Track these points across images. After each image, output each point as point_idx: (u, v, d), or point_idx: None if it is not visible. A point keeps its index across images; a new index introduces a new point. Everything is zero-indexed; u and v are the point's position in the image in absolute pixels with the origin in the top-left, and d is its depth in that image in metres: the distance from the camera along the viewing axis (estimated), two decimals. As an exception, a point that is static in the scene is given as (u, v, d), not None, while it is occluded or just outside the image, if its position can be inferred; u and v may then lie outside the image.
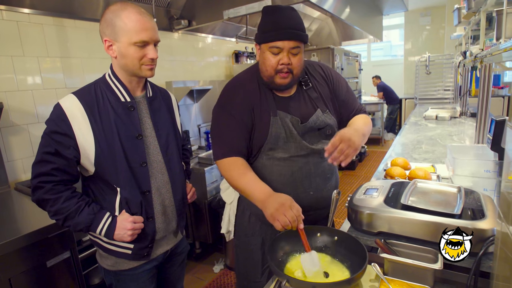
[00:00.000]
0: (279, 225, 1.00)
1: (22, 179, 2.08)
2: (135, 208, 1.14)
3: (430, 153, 2.30)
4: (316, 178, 1.24)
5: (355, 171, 5.18)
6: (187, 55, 3.42)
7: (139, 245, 1.17)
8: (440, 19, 6.99)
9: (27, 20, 2.06)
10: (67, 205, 1.06)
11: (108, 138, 1.07)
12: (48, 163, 1.04)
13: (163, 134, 1.21)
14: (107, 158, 1.08)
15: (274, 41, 1.09)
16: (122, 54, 1.05)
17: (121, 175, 1.10)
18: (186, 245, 1.42)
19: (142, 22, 1.03)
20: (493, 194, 1.30)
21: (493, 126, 1.33)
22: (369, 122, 1.31)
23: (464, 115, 3.94)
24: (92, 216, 1.09)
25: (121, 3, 1.05)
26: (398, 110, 7.11)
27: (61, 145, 1.03)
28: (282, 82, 1.15)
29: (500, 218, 0.71)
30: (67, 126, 1.03)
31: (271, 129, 1.18)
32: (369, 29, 4.30)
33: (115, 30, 1.03)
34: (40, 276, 1.46)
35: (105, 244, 1.18)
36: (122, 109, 1.11)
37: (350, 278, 0.83)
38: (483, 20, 2.24)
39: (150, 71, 1.10)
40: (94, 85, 1.12)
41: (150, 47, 1.06)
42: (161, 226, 1.22)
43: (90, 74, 2.44)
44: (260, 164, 1.23)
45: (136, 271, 1.22)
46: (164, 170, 1.21)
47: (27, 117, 2.09)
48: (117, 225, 1.10)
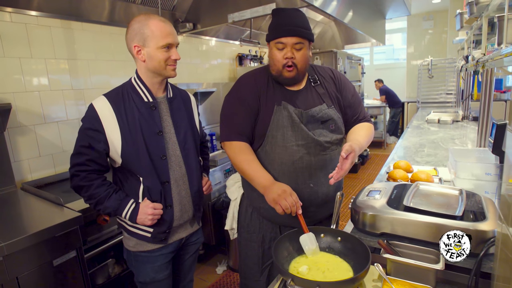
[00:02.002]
0: (280, 208, 1.10)
1: (29, 179, 2.10)
2: (156, 196, 1.28)
3: (432, 156, 2.32)
4: (317, 170, 1.28)
5: (358, 174, 5.19)
6: (192, 57, 3.45)
7: (158, 229, 1.31)
8: (442, 24, 7.01)
9: (35, 23, 2.10)
10: (98, 191, 1.23)
11: (133, 134, 1.22)
12: (83, 155, 1.21)
13: (181, 131, 1.34)
14: (132, 151, 1.22)
15: (279, 37, 1.21)
16: (151, 57, 1.21)
17: (143, 166, 1.24)
18: (201, 235, 1.55)
19: (166, 28, 1.21)
20: (494, 196, 1.32)
21: (494, 130, 1.34)
22: (372, 133, 1.39)
23: (466, 119, 3.95)
24: (119, 202, 1.24)
25: (145, 14, 1.22)
26: (400, 114, 7.12)
27: (94, 140, 1.20)
28: (288, 75, 1.25)
29: (500, 219, 0.72)
30: (99, 123, 1.19)
31: (274, 117, 1.26)
32: (372, 33, 4.32)
33: (143, 37, 1.19)
34: (47, 274, 1.48)
35: (129, 227, 1.33)
36: (145, 108, 1.26)
37: (354, 277, 0.85)
38: (485, 25, 2.26)
39: (173, 71, 1.28)
40: (122, 88, 1.28)
41: (173, 49, 1.25)
42: (178, 215, 1.35)
43: (96, 76, 2.48)
44: (263, 151, 1.29)
45: (154, 253, 1.35)
46: (181, 163, 1.34)
47: (34, 118, 2.12)
48: (139, 211, 1.25)
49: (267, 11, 2.52)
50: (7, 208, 1.74)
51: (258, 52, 4.39)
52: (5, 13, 1.96)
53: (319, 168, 1.28)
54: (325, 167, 1.29)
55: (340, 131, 1.33)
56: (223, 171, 2.70)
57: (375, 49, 8.39)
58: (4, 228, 1.46)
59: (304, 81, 1.34)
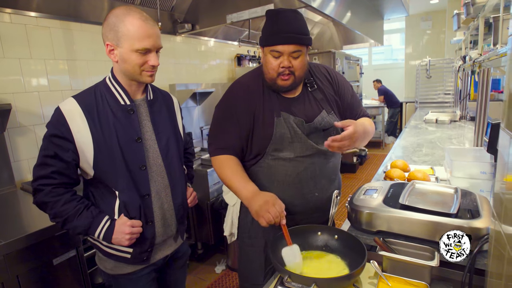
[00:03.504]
0: (263, 221, 1.06)
1: (28, 179, 2.11)
2: (134, 212, 1.13)
3: (430, 155, 2.33)
4: (322, 179, 1.26)
5: (356, 174, 5.21)
6: (190, 58, 3.47)
7: (139, 249, 1.17)
8: (440, 24, 7.04)
9: (34, 24, 2.11)
10: (66, 208, 1.06)
11: (107, 141, 1.07)
12: (48, 166, 1.04)
13: (163, 137, 1.20)
14: (106, 161, 1.07)
15: (274, 45, 1.11)
16: (123, 59, 1.05)
17: (120, 178, 1.09)
18: (187, 249, 1.42)
19: (145, 29, 1.02)
20: (489, 195, 1.33)
21: (489, 129, 1.36)
22: (373, 127, 1.33)
23: (464, 118, 3.98)
24: (91, 219, 1.08)
25: (125, 8, 1.04)
26: (398, 114, 7.14)
27: (60, 148, 1.04)
28: (283, 84, 1.17)
29: (494, 217, 0.74)
30: (66, 129, 1.03)
31: (276, 130, 1.19)
32: (370, 33, 4.35)
33: (117, 35, 1.02)
34: (47, 273, 1.49)
35: (104, 248, 1.17)
36: (121, 112, 1.11)
37: (350, 273, 0.86)
38: (481, 26, 2.28)
39: (150, 77, 1.10)
40: (94, 88, 1.12)
41: (152, 54, 1.06)
42: (161, 230, 1.21)
43: (96, 76, 2.49)
44: (266, 164, 1.24)
45: (136, 275, 1.21)
46: (164, 173, 1.20)
47: (33, 118, 2.13)
48: (115, 229, 1.09)
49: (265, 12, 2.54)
50: (7, 207, 1.75)
51: (256, 53, 4.41)
52: (5, 14, 1.97)
53: (324, 176, 1.27)
54: (329, 175, 1.28)
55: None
56: (222, 171, 2.71)
57: (374, 49, 8.42)
58: (5, 227, 1.47)
59: (301, 87, 1.26)
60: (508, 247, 0.60)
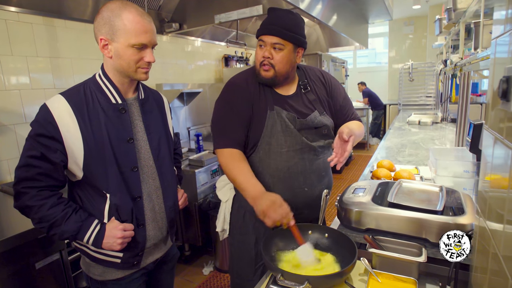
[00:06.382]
0: (269, 221, 1.05)
1: (8, 180, 2.03)
2: (126, 215, 1.08)
3: (414, 156, 2.40)
4: (311, 174, 1.29)
5: (342, 175, 5.28)
6: (177, 58, 3.43)
7: (129, 253, 1.12)
8: (422, 29, 7.26)
9: (15, 19, 2.04)
10: (53, 212, 1.00)
11: (98, 142, 1.02)
12: (33, 167, 0.98)
13: (154, 137, 1.16)
14: (97, 162, 1.03)
15: (260, 35, 1.21)
16: (118, 55, 1.01)
17: (111, 180, 1.05)
18: (176, 251, 1.39)
19: (142, 24, 0.99)
20: (472, 193, 1.38)
21: (471, 129, 1.41)
22: (362, 130, 1.39)
23: (445, 120, 4.11)
24: (80, 223, 1.02)
25: (121, 2, 1.01)
26: (382, 116, 7.30)
27: (48, 149, 0.98)
28: (264, 75, 1.23)
29: (478, 214, 0.76)
30: (54, 128, 0.97)
31: (267, 122, 1.24)
32: (355, 37, 4.43)
33: (113, 30, 0.98)
34: (29, 278, 1.44)
35: (92, 253, 1.11)
36: (113, 111, 1.06)
37: (341, 271, 0.88)
38: (462, 31, 2.37)
39: (145, 74, 1.07)
40: (83, 86, 1.07)
41: (148, 50, 1.03)
42: (152, 234, 1.17)
43: (80, 75, 2.42)
44: (258, 158, 1.27)
45: (126, 280, 1.16)
46: (155, 175, 1.16)
47: (14, 117, 2.05)
48: (106, 233, 1.04)
49: (253, 13, 2.55)
50: (-14, 210, 1.68)
51: (244, 54, 4.41)
52: (-16, 8, 1.89)
53: (313, 171, 1.30)
54: (318, 171, 1.31)
55: (331, 135, 1.34)
56: (210, 172, 2.70)
57: (358, 52, 8.59)
58: (-17, 231, 1.41)
59: (295, 87, 1.32)
60: (493, 242, 0.62)
